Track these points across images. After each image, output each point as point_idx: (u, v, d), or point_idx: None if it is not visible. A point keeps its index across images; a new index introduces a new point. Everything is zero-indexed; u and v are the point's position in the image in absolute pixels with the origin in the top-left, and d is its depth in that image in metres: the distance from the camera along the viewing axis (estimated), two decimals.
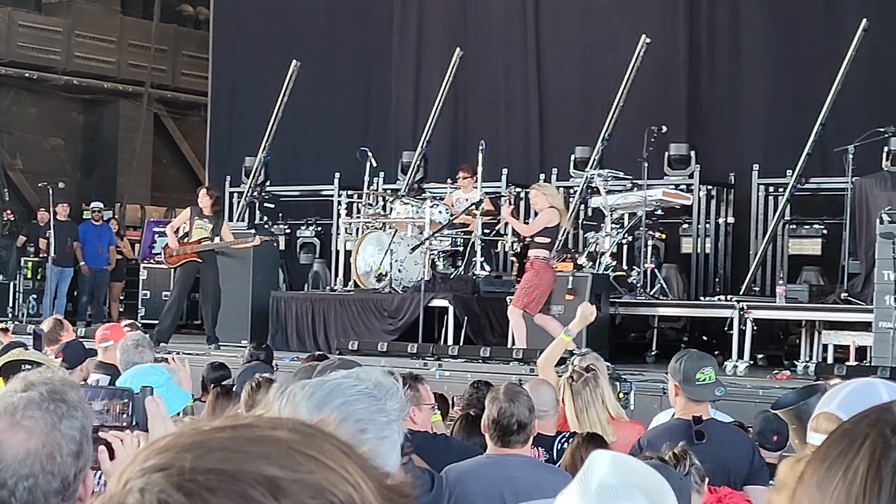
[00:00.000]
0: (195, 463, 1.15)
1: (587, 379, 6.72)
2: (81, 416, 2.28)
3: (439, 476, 5.00)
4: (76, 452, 2.23)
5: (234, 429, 1.20)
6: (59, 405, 2.25)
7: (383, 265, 14.92)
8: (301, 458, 1.17)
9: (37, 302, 20.16)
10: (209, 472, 1.15)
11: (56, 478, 2.19)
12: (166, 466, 1.16)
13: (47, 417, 2.22)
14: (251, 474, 1.15)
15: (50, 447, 2.20)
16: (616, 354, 12.53)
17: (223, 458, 1.16)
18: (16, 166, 24.55)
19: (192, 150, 26.33)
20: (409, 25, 19.03)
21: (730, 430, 6.34)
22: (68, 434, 2.23)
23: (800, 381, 11.07)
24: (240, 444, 1.18)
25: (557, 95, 17.65)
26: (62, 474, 2.19)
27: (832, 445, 1.20)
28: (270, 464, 1.15)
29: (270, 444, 1.18)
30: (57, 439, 2.21)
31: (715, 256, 15.59)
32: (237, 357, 11.30)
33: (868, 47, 14.43)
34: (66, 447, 2.21)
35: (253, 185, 17.70)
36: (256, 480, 1.14)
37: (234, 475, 1.14)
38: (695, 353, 6.41)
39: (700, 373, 6.15)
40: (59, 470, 2.19)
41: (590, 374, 6.76)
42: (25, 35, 24.45)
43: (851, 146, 13.21)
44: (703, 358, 6.34)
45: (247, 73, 20.19)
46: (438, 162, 17.63)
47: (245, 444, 1.18)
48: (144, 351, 7.31)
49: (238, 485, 1.14)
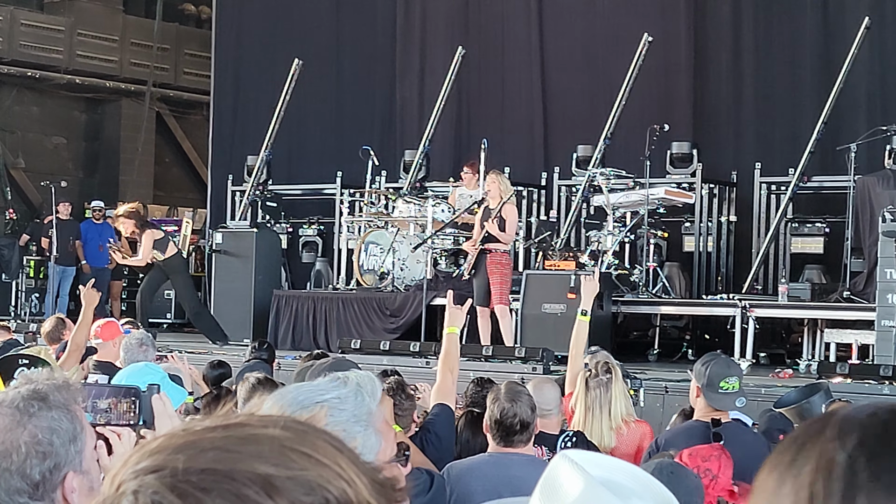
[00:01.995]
0: (188, 464, 1.15)
1: (603, 381, 6.72)
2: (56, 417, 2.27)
3: (439, 476, 4.99)
4: (42, 453, 2.23)
5: (225, 428, 1.20)
6: (31, 404, 2.25)
7: (385, 264, 14.92)
8: (294, 456, 1.17)
9: (39, 301, 20.17)
10: (203, 472, 1.14)
11: (14, 475, 2.19)
12: (159, 468, 1.15)
13: (15, 415, 2.23)
14: (245, 473, 1.14)
15: (7, 444, 2.21)
16: (618, 353, 12.46)
17: (216, 458, 1.15)
18: (18, 165, 24.54)
19: (195, 148, 26.32)
20: (412, 24, 19.02)
21: (747, 432, 6.32)
22: (34, 432, 2.23)
23: (802, 379, 11.07)
24: (232, 444, 1.17)
25: (560, 94, 17.64)
26: (21, 472, 2.19)
27: (781, 453, 1.19)
28: (263, 462, 1.15)
29: (263, 442, 1.17)
30: (18, 437, 2.21)
31: (717, 255, 15.57)
32: (239, 356, 11.31)
33: (870, 45, 14.42)
34: (26, 447, 2.22)
35: (255, 183, 17.69)
36: (250, 479, 1.14)
37: (227, 474, 1.14)
38: (723, 360, 6.34)
39: (725, 381, 6.10)
40: (18, 468, 2.19)
41: (607, 376, 6.74)
42: (27, 34, 24.44)
43: (854, 144, 13.20)
44: (731, 366, 6.28)
45: (249, 71, 20.18)
46: (441, 161, 17.64)
47: (237, 443, 1.17)
48: (148, 350, 7.32)
49: (232, 484, 1.13)
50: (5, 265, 20.43)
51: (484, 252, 13.13)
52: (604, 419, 6.69)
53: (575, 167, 16.08)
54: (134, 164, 25.28)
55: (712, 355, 6.44)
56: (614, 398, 6.73)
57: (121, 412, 3.13)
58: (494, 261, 13.09)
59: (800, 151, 14.31)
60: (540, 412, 6.38)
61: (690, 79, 16.67)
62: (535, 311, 13.37)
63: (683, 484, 4.17)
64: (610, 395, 6.71)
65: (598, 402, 6.69)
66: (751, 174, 15.31)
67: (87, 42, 25.17)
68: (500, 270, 13.08)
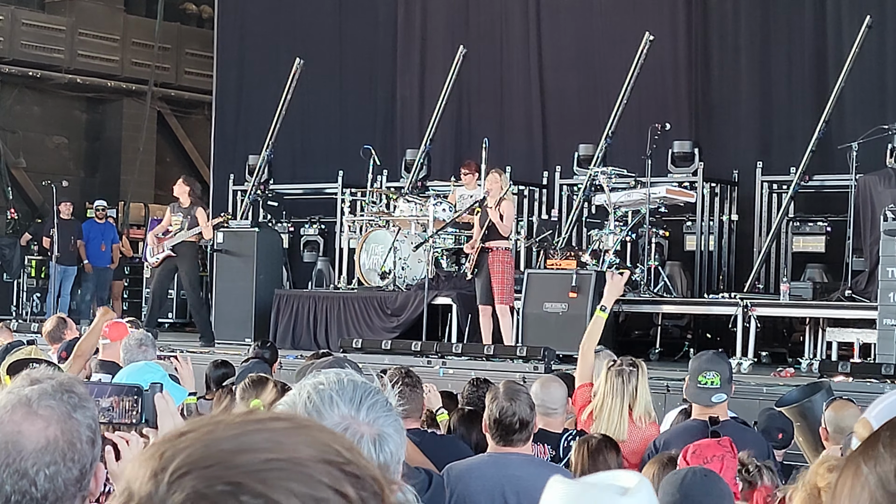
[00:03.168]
0: (233, 452, 1.17)
1: (625, 372, 6.71)
2: (92, 408, 2.29)
3: (438, 475, 4.99)
4: (92, 440, 2.23)
5: (261, 421, 1.23)
6: (72, 395, 2.25)
7: (387, 263, 14.93)
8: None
9: (40, 300, 20.18)
10: (255, 462, 1.17)
11: (76, 465, 2.18)
12: (210, 462, 1.17)
13: (62, 406, 2.22)
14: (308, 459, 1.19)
15: (69, 434, 2.20)
16: (619, 352, 12.46)
17: (268, 446, 1.18)
18: (19, 165, 24.55)
19: (196, 148, 26.33)
20: (412, 24, 19.04)
21: (746, 431, 6.32)
22: (84, 422, 2.23)
23: (803, 378, 11.06)
24: (281, 435, 1.21)
25: (559, 93, 17.64)
26: (81, 462, 2.19)
27: (840, 486, 1.20)
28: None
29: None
30: (75, 426, 2.21)
31: (719, 254, 15.57)
32: (241, 355, 11.30)
33: (872, 43, 14.41)
34: (84, 434, 2.21)
35: (256, 183, 17.70)
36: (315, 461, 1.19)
37: (289, 461, 1.17)
38: (710, 356, 6.33)
39: (703, 376, 6.09)
40: (79, 458, 2.19)
41: (631, 369, 6.74)
42: (28, 33, 24.44)
43: (855, 143, 13.18)
44: (716, 363, 6.26)
45: (251, 70, 20.19)
46: (442, 160, 17.64)
47: (285, 433, 1.21)
48: (147, 349, 7.31)
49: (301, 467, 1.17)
50: (7, 265, 20.44)
51: (486, 250, 13.12)
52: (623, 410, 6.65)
53: (576, 166, 16.07)
54: (135, 163, 25.27)
55: (706, 351, 6.45)
56: (636, 393, 6.70)
57: (123, 411, 3.13)
58: (496, 259, 13.07)
59: (801, 150, 14.31)
60: (545, 411, 6.38)
61: (689, 77, 16.66)
62: (537, 310, 13.36)
63: (716, 489, 4.18)
64: (631, 388, 6.69)
65: (615, 392, 6.67)
66: (752, 173, 15.30)
67: (89, 42, 25.18)
68: (502, 269, 13.06)
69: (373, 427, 2.33)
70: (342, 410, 2.34)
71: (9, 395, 2.22)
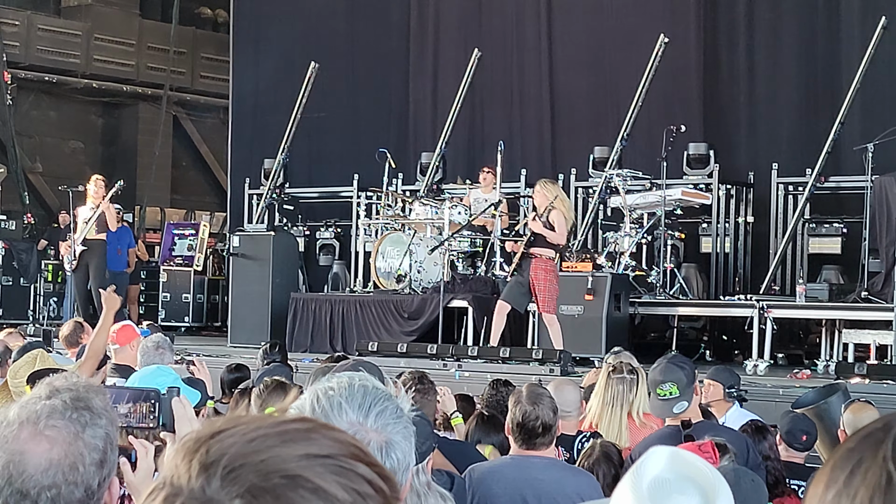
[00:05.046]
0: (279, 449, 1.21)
1: (626, 380, 6.68)
2: (106, 424, 2.26)
3: (460, 478, 4.99)
4: (100, 461, 2.21)
5: (287, 422, 1.26)
6: (83, 413, 2.23)
7: (402, 266, 14.94)
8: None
9: (57, 305, 20.22)
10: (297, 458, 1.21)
11: (79, 487, 2.17)
12: (262, 456, 1.20)
13: (70, 427, 2.20)
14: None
15: (73, 457, 2.19)
16: (635, 354, 12.43)
17: (306, 443, 1.23)
18: (36, 169, 24.64)
19: (212, 152, 26.40)
20: (425, 28, 19.06)
21: (722, 430, 6.19)
22: (91, 443, 2.21)
23: (820, 380, 11.04)
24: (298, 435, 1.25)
25: (571, 95, 17.64)
26: (85, 483, 2.18)
27: (836, 468, 1.19)
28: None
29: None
30: (80, 449, 2.19)
31: (734, 256, 15.55)
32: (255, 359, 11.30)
33: (887, 44, 14.37)
34: (88, 457, 2.20)
35: (272, 187, 17.73)
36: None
37: (329, 456, 1.22)
38: (664, 366, 6.02)
39: (660, 388, 5.93)
40: (83, 480, 2.18)
41: (632, 375, 6.72)
42: (45, 39, 24.54)
43: (871, 144, 13.16)
44: (670, 372, 5.97)
45: (266, 75, 20.22)
46: (456, 163, 17.65)
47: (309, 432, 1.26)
48: (164, 353, 7.33)
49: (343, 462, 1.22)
50: (23, 269, 20.50)
51: (529, 256, 12.78)
52: (623, 417, 6.65)
53: (591, 168, 16.07)
54: (151, 167, 25.34)
55: (661, 359, 6.20)
56: (637, 399, 6.68)
57: (141, 416, 3.14)
58: (539, 266, 12.62)
59: (817, 152, 14.28)
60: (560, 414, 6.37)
61: (701, 79, 16.65)
62: None
63: (760, 492, 4.19)
64: (632, 394, 6.67)
65: (617, 399, 6.66)
66: (768, 175, 15.27)
67: (104, 46, 25.28)
68: (546, 277, 12.61)
69: (381, 434, 2.34)
70: (350, 417, 2.35)
71: (20, 410, 2.22)
